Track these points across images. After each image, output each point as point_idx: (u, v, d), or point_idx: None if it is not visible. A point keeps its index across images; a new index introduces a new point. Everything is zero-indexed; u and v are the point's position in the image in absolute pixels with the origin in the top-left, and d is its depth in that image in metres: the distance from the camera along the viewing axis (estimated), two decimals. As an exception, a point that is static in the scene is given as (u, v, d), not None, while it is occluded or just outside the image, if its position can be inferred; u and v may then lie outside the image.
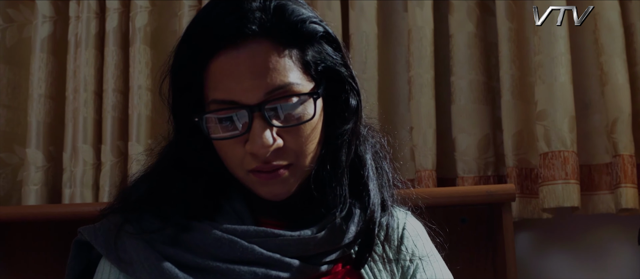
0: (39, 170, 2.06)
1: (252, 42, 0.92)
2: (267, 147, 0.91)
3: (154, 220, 0.98)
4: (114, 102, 2.05)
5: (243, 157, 0.94)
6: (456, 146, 1.92)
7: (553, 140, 1.80)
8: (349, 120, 0.99)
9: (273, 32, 0.92)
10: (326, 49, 0.97)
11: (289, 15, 0.94)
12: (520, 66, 1.91)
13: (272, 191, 0.97)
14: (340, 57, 0.99)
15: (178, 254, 0.95)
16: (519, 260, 1.83)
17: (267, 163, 0.94)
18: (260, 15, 0.92)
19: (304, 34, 0.95)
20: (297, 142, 0.95)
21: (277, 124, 0.93)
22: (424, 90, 1.91)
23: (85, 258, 1.04)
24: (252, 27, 0.91)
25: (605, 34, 1.84)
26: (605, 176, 1.87)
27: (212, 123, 0.94)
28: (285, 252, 0.95)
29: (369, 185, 1.02)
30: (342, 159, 0.99)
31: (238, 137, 0.93)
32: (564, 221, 1.92)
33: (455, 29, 1.96)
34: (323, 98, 0.98)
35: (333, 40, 0.99)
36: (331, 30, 0.99)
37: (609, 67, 1.82)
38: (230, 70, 0.91)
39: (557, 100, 1.81)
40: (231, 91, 0.92)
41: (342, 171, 0.99)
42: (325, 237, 0.97)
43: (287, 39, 0.93)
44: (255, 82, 0.91)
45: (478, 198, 1.65)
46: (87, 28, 2.09)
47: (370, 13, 1.99)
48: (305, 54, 0.95)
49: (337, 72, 0.98)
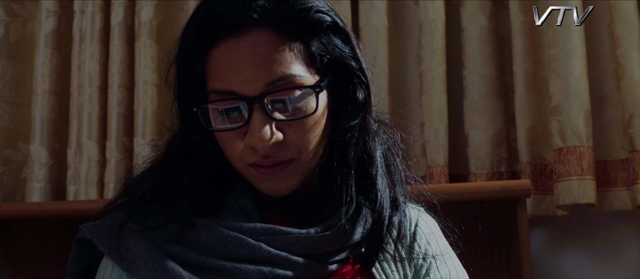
0: (43, 166, 2.04)
1: (253, 31, 0.89)
2: (266, 141, 0.88)
3: (158, 216, 0.95)
4: (119, 97, 2.02)
5: (243, 150, 0.91)
6: (469, 142, 1.89)
7: (568, 135, 1.77)
8: (357, 115, 0.95)
9: (275, 21, 0.89)
10: (333, 40, 0.93)
11: (292, 4, 0.90)
12: (534, 60, 1.88)
13: (273, 187, 0.94)
14: (349, 48, 0.95)
15: (182, 252, 0.92)
16: (533, 258, 1.80)
17: (266, 158, 0.90)
18: (263, 3, 0.89)
19: (309, 23, 0.91)
20: (299, 136, 0.91)
21: (278, 117, 0.89)
22: (436, 85, 1.88)
23: (87, 257, 1.01)
24: (253, 16, 0.88)
25: (621, 27, 1.81)
26: (622, 173, 1.84)
27: (212, 114, 0.91)
28: (294, 250, 0.92)
29: (377, 183, 0.98)
30: (349, 155, 0.95)
31: (238, 129, 0.90)
32: (579, 218, 1.89)
33: (468, 22, 1.92)
34: (330, 91, 0.94)
35: (341, 31, 0.94)
36: (340, 21, 0.95)
37: (625, 60, 1.79)
38: (230, 60, 0.88)
39: (572, 94, 1.77)
40: (230, 81, 0.89)
41: (348, 169, 0.95)
42: (333, 236, 0.94)
43: (290, 29, 0.90)
44: (255, 72, 0.88)
45: (492, 194, 1.63)
46: (91, 22, 2.07)
47: (381, 6, 1.96)
48: (309, 45, 0.91)
49: (344, 64, 0.94)
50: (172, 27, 2.10)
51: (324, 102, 0.93)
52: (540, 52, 1.90)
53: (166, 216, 0.94)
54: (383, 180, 0.99)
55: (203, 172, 0.97)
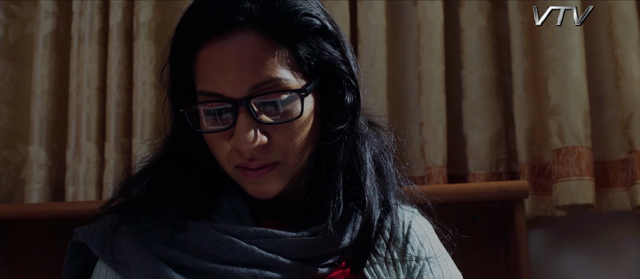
0: (42, 167, 2.04)
1: (239, 33, 0.88)
2: (250, 144, 0.88)
3: (150, 219, 0.95)
4: (118, 98, 2.02)
5: (229, 152, 0.91)
6: (467, 143, 1.89)
7: (567, 136, 1.76)
8: (345, 119, 0.94)
9: (262, 24, 0.89)
10: (322, 44, 0.92)
11: (279, 6, 0.90)
12: (532, 60, 1.88)
13: (259, 190, 0.93)
14: (338, 52, 0.94)
15: (175, 255, 0.91)
16: (531, 259, 1.80)
17: (252, 160, 0.90)
18: (250, 6, 0.89)
19: (296, 27, 0.90)
20: (285, 140, 0.91)
21: (263, 120, 0.89)
22: (434, 85, 1.87)
23: (82, 259, 1.00)
24: (239, 18, 0.88)
25: (620, 27, 1.81)
26: (620, 173, 1.83)
27: (202, 115, 0.92)
28: (285, 253, 0.91)
29: (365, 188, 0.97)
30: (338, 160, 0.95)
31: (224, 131, 0.90)
32: (578, 219, 1.88)
33: (466, 22, 1.92)
34: (319, 95, 0.94)
35: (331, 34, 0.93)
36: (330, 24, 0.94)
37: (624, 60, 1.79)
38: (217, 62, 0.88)
39: (570, 94, 1.77)
40: (216, 83, 0.88)
41: (335, 174, 0.95)
42: (325, 240, 0.93)
43: (277, 32, 0.89)
44: (240, 74, 0.87)
45: (490, 195, 1.63)
46: (90, 23, 2.07)
47: (379, 6, 1.95)
48: (297, 49, 0.90)
49: (333, 68, 0.93)
50: (171, 28, 2.05)
51: (310, 105, 0.92)
52: (539, 52, 1.89)
53: (159, 219, 0.94)
54: (372, 184, 0.98)
55: (195, 173, 0.97)
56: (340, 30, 0.96)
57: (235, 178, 0.94)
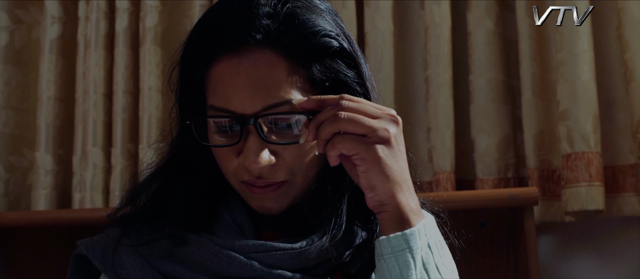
0: (49, 173, 2.03)
1: (255, 51, 0.87)
2: (258, 164, 0.87)
3: (152, 231, 0.94)
4: (124, 103, 2.02)
5: (237, 167, 0.90)
6: (475, 147, 1.87)
7: (576, 141, 1.75)
8: None
9: (279, 43, 0.87)
10: (338, 66, 0.90)
11: (298, 26, 0.88)
12: (541, 64, 1.86)
13: (264, 206, 0.93)
14: (354, 73, 0.92)
15: (176, 270, 0.91)
16: (541, 265, 1.78)
17: (259, 178, 0.90)
18: (268, 23, 0.87)
19: (314, 48, 0.88)
20: (293, 160, 0.90)
21: (273, 140, 0.88)
22: (442, 90, 1.86)
23: (86, 271, 1.00)
24: (256, 36, 0.86)
25: (629, 30, 1.79)
26: (631, 178, 1.81)
27: (210, 127, 0.91)
28: (286, 266, 0.91)
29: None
30: (344, 181, 0.94)
31: (232, 147, 0.89)
32: (588, 224, 1.86)
33: (474, 26, 1.91)
34: None
35: (348, 55, 0.92)
36: (347, 42, 0.92)
37: (634, 64, 1.77)
38: (230, 78, 0.87)
39: (580, 98, 1.75)
40: (228, 100, 0.87)
41: (340, 195, 0.94)
42: (325, 252, 0.92)
43: (294, 53, 0.87)
44: (253, 93, 0.86)
45: (499, 201, 1.61)
46: (96, 29, 2.07)
47: (386, 10, 1.94)
48: (312, 70, 0.88)
49: (348, 89, 0.91)
50: (177, 33, 2.09)
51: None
52: (547, 56, 1.88)
53: (160, 233, 0.93)
54: None
55: (199, 181, 0.96)
56: (356, 46, 0.95)
57: (240, 192, 0.94)
